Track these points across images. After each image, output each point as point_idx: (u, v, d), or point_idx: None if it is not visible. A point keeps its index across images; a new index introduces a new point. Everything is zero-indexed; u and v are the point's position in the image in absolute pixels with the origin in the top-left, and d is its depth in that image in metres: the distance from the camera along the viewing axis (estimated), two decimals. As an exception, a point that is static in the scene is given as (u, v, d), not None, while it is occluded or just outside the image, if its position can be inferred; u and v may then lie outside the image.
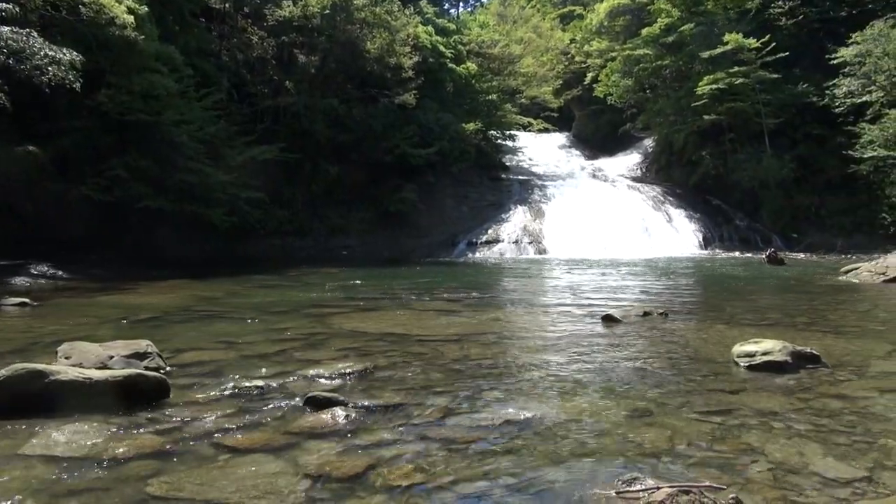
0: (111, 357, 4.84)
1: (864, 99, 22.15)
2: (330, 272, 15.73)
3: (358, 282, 13.19)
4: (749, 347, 5.38)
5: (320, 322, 7.76)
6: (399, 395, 4.40)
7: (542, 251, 22.83)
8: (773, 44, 24.56)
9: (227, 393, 4.45)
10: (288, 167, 22.59)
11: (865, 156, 21.42)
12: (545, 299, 11.06)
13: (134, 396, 4.08)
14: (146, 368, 4.66)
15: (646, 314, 8.02)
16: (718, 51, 25.56)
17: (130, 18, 15.82)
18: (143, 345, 5.13)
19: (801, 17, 26.95)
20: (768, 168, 24.76)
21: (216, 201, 18.60)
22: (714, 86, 25.45)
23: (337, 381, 4.78)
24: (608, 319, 7.59)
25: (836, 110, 23.11)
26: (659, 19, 29.22)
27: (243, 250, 20.36)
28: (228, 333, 6.85)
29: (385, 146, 24.56)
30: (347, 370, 5.05)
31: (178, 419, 3.87)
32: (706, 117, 26.02)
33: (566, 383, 4.78)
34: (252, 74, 23.45)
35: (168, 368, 5.04)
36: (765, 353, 5.22)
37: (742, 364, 5.24)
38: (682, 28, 27.66)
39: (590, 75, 38.05)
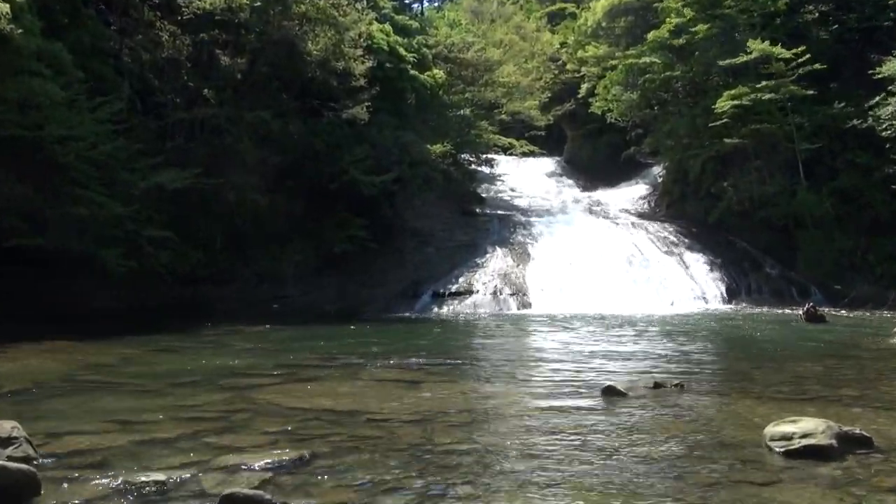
0: (-37, 444, 4.69)
1: (915, 122, 22.90)
2: (257, 330, 15.53)
3: (293, 343, 13.02)
4: (785, 428, 5.43)
5: (242, 396, 7.63)
6: (343, 493, 4.33)
7: (526, 305, 22.91)
8: (808, 55, 25.30)
9: (116, 490, 4.33)
10: (205, 196, 22.38)
11: (919, 191, 22.02)
12: (530, 367, 11.04)
13: (-8, 496, 3.94)
14: (10, 458, 4.52)
15: (657, 386, 8.08)
16: (741, 59, 26.22)
17: (6, 8, 15.73)
18: (7, 427, 4.98)
19: (836, 25, 27.93)
20: (803, 203, 25.32)
21: (111, 240, 18.28)
22: (736, 102, 26.01)
23: (263, 475, 4.68)
24: (610, 393, 7.62)
25: (883, 134, 23.78)
26: (668, 20, 29.97)
27: (145, 302, 20.02)
28: (122, 411, 6.70)
29: (329, 171, 24.55)
30: (277, 460, 4.97)
31: (51, 527, 3.74)
32: (727, 140, 26.50)
33: (557, 477, 4.75)
34: (161, 80, 23.38)
35: (40, 458, 4.89)
36: (804, 436, 5.27)
37: (776, 449, 5.28)
38: (694, 28, 28.26)
39: (585, 87, 38.87)
